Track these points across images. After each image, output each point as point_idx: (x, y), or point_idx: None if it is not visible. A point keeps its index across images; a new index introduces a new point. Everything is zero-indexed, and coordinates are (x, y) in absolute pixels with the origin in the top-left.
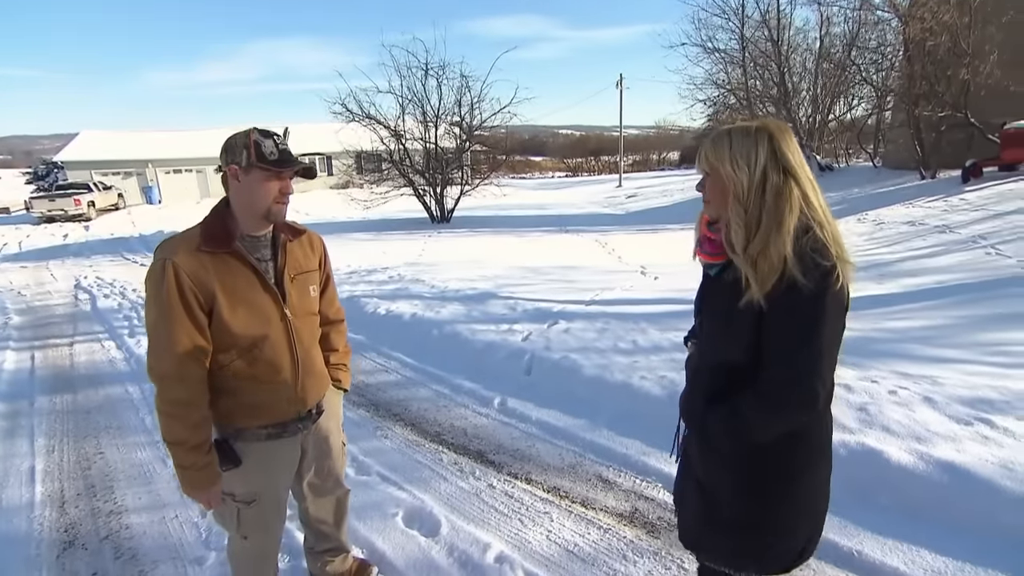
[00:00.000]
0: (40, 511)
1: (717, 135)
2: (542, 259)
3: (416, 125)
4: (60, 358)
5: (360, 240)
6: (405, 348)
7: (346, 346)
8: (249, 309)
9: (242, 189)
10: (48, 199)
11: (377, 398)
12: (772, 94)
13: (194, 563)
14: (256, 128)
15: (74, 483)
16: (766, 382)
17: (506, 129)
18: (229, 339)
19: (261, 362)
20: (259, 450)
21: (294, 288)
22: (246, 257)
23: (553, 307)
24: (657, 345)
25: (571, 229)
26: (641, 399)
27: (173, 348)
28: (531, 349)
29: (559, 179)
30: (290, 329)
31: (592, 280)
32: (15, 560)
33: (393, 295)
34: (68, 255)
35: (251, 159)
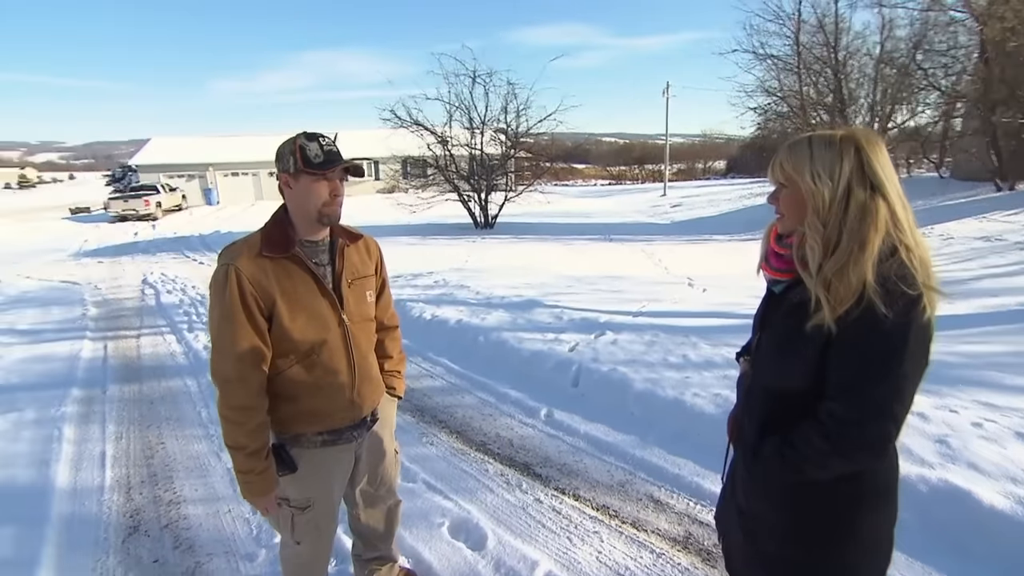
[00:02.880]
0: (109, 495)
1: (795, 143)
2: (587, 267)
3: (462, 131)
4: (128, 349)
5: (406, 244)
6: (451, 354)
7: (400, 353)
8: (308, 314)
9: (294, 195)
10: (122, 200)
11: (423, 403)
12: (827, 101)
13: (245, 559)
14: (303, 133)
15: (139, 470)
16: (830, 418)
17: (551, 136)
18: (288, 344)
19: (319, 368)
20: (314, 456)
21: (351, 293)
22: (305, 262)
23: (600, 317)
24: (709, 361)
25: (616, 238)
26: (694, 417)
27: (235, 352)
28: (578, 360)
29: (602, 187)
30: (347, 335)
31: (639, 290)
32: (86, 542)
33: (438, 300)
34: (137, 252)
35: (298, 165)
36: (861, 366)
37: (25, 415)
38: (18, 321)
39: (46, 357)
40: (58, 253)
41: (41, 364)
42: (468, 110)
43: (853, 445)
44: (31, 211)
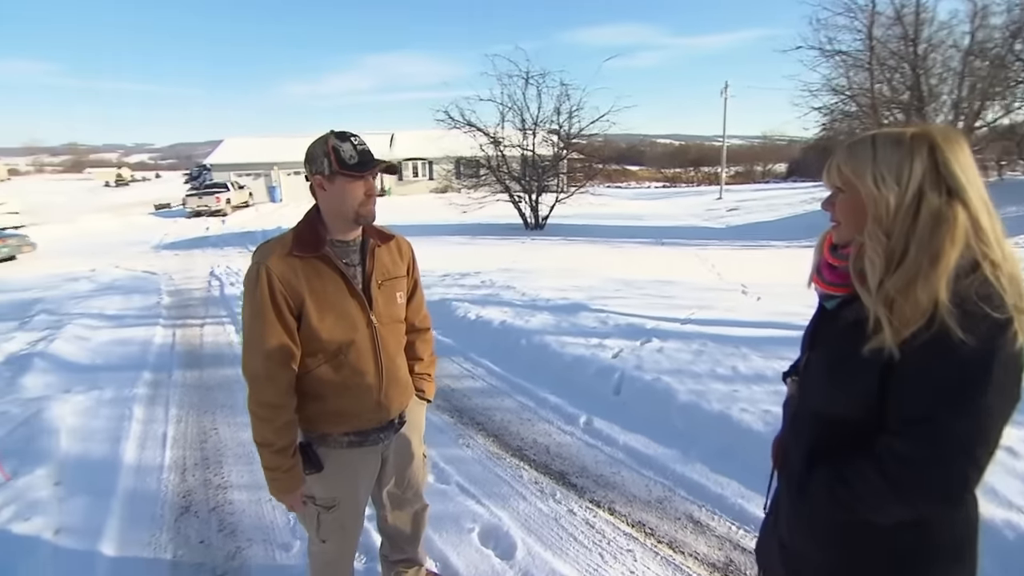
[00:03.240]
0: (167, 474)
1: (857, 142)
2: (637, 271)
3: (514, 132)
4: (193, 337)
5: (455, 243)
6: (493, 355)
7: (431, 355)
8: (336, 314)
9: (329, 197)
10: (197, 197)
11: (462, 404)
12: (902, 99)
13: (282, 548)
14: (333, 132)
15: (194, 453)
16: (891, 456)
17: (603, 137)
18: (316, 344)
19: (346, 368)
20: (340, 457)
21: (381, 294)
22: (335, 262)
23: (646, 323)
24: (760, 374)
25: (668, 242)
26: (741, 434)
27: (264, 350)
28: (622, 367)
29: (656, 189)
30: (376, 336)
31: (689, 297)
32: (144, 516)
33: (484, 300)
34: (208, 245)
35: (333, 167)
36: (932, 399)
37: (104, 394)
38: (107, 307)
39: (125, 341)
40: (142, 245)
41: (121, 347)
42: (520, 111)
43: (918, 490)
44: (124, 206)
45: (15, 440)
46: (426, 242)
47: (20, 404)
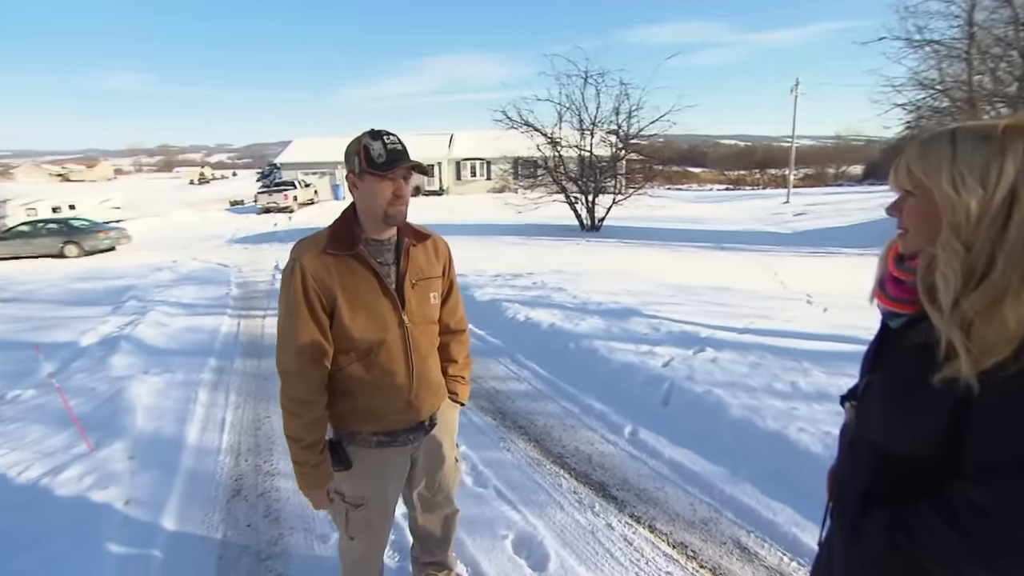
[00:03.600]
0: (223, 457)
1: (932, 138)
2: (694, 277)
3: (572, 132)
4: (255, 328)
5: (509, 244)
6: (540, 358)
7: (466, 358)
8: (368, 313)
9: (360, 195)
10: (267, 194)
11: (505, 407)
12: (1007, 92)
13: (320, 539)
14: (369, 131)
15: (248, 439)
16: (967, 507)
17: (664, 138)
18: (348, 342)
19: (377, 367)
20: (369, 456)
21: (414, 294)
22: (368, 260)
23: (701, 332)
24: (822, 391)
25: (728, 246)
26: (798, 456)
27: (295, 346)
28: (672, 377)
29: (719, 192)
30: (407, 336)
31: (748, 305)
32: (199, 497)
33: (534, 302)
34: (275, 240)
35: (362, 165)
36: (1021, 443)
37: (176, 376)
38: (183, 296)
39: (197, 328)
40: (217, 239)
41: (192, 334)
42: (579, 111)
43: (999, 549)
44: (204, 202)
45: (100, 415)
46: (480, 242)
47: (107, 382)
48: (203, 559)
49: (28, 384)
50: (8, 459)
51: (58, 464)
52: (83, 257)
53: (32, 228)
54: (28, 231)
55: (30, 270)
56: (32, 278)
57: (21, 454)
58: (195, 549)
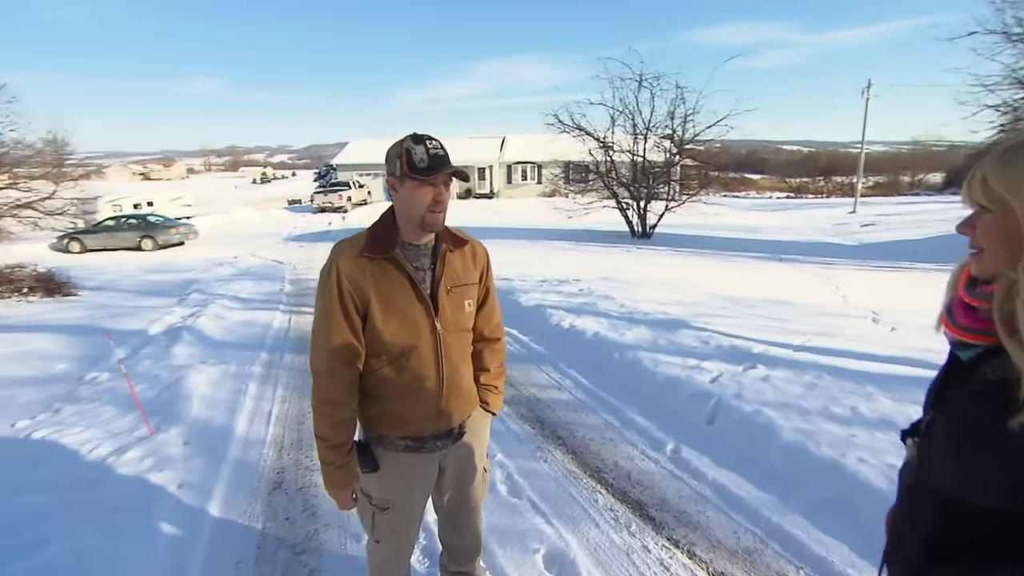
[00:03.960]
0: (267, 450)
1: (1013, 146)
2: (747, 289)
3: (625, 137)
4: (306, 324)
5: (558, 249)
6: (582, 367)
7: (500, 367)
8: (401, 318)
9: (400, 199)
10: (323, 194)
11: (545, 416)
12: None
13: (353, 538)
14: (411, 135)
15: (291, 432)
16: None
17: (721, 143)
18: (380, 345)
19: (407, 372)
20: (396, 460)
21: (448, 301)
22: (403, 265)
23: (753, 347)
24: (886, 419)
25: (786, 258)
26: (856, 488)
27: (328, 347)
28: (719, 394)
29: (778, 200)
30: (439, 343)
31: (805, 321)
32: (243, 487)
33: (580, 309)
34: (328, 239)
35: (403, 168)
36: None
37: (229, 368)
38: (241, 290)
39: (251, 322)
40: (275, 237)
41: (247, 328)
42: (632, 115)
43: None
44: (264, 201)
45: (161, 401)
46: (528, 246)
47: (169, 370)
48: (243, 548)
49: (104, 367)
50: (83, 436)
51: (122, 445)
52: (157, 250)
53: (116, 223)
54: (113, 225)
55: (113, 261)
56: (113, 268)
57: (94, 432)
58: (236, 537)
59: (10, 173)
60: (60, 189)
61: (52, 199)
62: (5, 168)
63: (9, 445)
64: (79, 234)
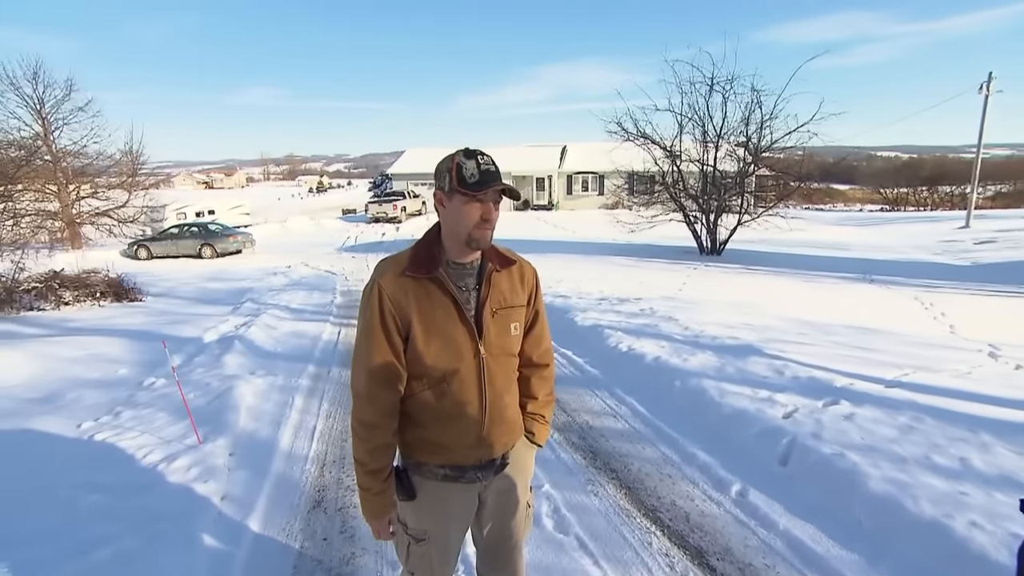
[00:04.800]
0: (309, 466)
1: None
2: (830, 313)
3: (694, 145)
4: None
5: (618, 265)
6: (640, 394)
7: (548, 395)
8: (443, 340)
9: (447, 215)
10: (378, 204)
11: (598, 446)
12: None
13: (390, 566)
14: (463, 149)
15: (334, 449)
16: None
17: (803, 151)
18: (420, 368)
19: (448, 398)
20: (434, 489)
21: (494, 324)
22: (447, 285)
23: (835, 380)
24: (1007, 476)
25: (878, 279)
26: (968, 560)
27: (368, 368)
28: (794, 431)
29: (871, 213)
30: (482, 368)
31: (901, 352)
32: (284, 503)
33: (640, 331)
34: (382, 250)
35: (452, 183)
36: None
37: (277, 380)
38: (292, 300)
39: (300, 334)
40: (328, 247)
41: (296, 339)
42: (702, 121)
43: None
44: (319, 210)
45: (211, 410)
46: (586, 261)
47: (220, 379)
48: (280, 567)
49: (161, 374)
50: (138, 441)
51: (173, 452)
52: (215, 258)
53: (179, 231)
54: (176, 233)
55: (175, 268)
56: (175, 276)
57: (148, 438)
58: (274, 555)
59: (92, 183)
60: (133, 197)
61: (126, 207)
62: (88, 178)
63: (75, 446)
64: (146, 241)
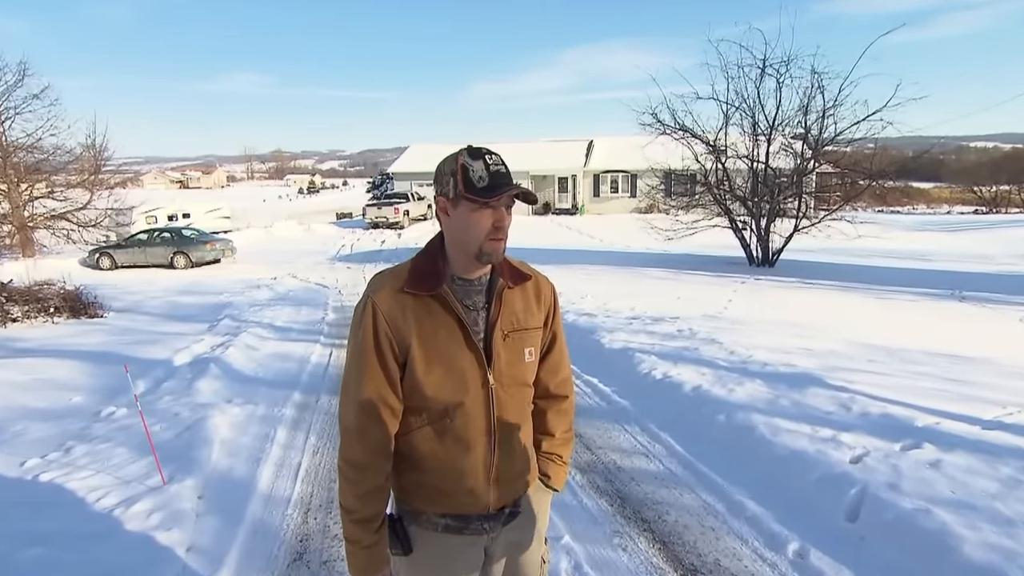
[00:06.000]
0: (291, 511)
1: None
2: (909, 337)
3: (742, 139)
4: None
5: (654, 278)
6: (677, 430)
7: (567, 432)
8: (446, 368)
9: (452, 224)
10: (376, 207)
11: (627, 490)
12: None
13: None
14: (467, 148)
15: (321, 492)
16: None
17: (875, 143)
18: (419, 400)
19: (451, 435)
20: (433, 542)
21: (505, 348)
22: (452, 304)
23: (916, 418)
24: None
25: (971, 295)
26: None
27: (358, 398)
28: (864, 480)
29: (962, 216)
30: (491, 400)
31: (1002, 386)
32: (259, 554)
33: (677, 355)
34: (380, 260)
35: (458, 189)
36: None
37: (257, 409)
38: (277, 318)
39: (286, 356)
40: (319, 256)
41: (281, 362)
42: (752, 111)
43: None
44: (310, 214)
45: (178, 445)
46: (616, 274)
47: (191, 408)
48: None
49: (122, 402)
50: (91, 482)
51: (132, 495)
52: (190, 268)
53: (148, 237)
54: (145, 240)
55: (143, 279)
56: (141, 288)
57: (103, 479)
58: None
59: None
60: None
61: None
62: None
63: (15, 488)
64: (110, 249)
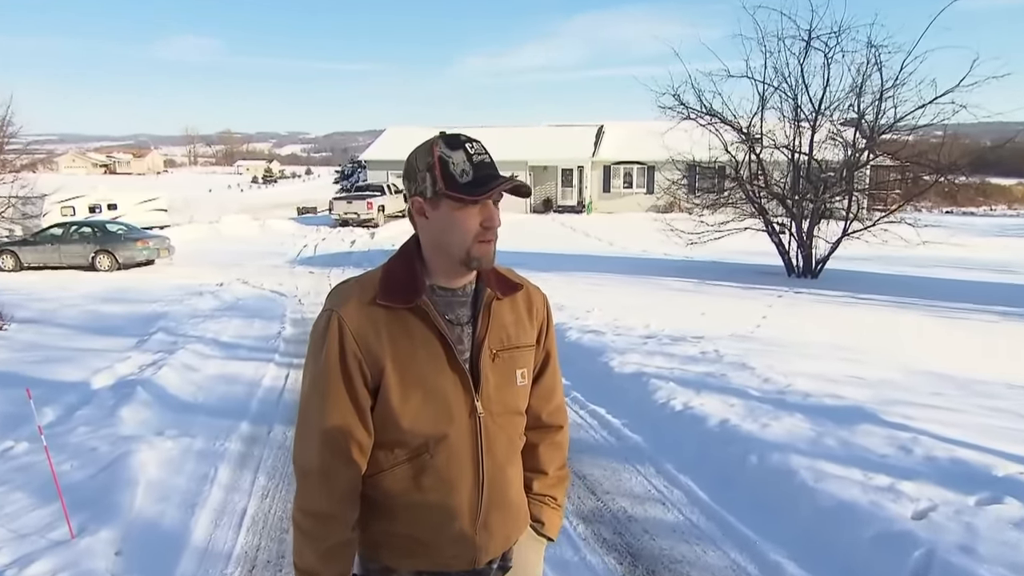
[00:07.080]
0: (233, 568)
1: None
2: (983, 365)
3: (781, 125)
4: None
5: (672, 290)
6: (699, 472)
7: (561, 469)
8: (425, 394)
9: (431, 227)
10: (346, 201)
11: (639, 545)
12: None
13: None
14: (442, 136)
15: (271, 545)
16: None
17: (945, 131)
18: (394, 433)
19: (431, 475)
20: None
21: (494, 371)
22: (433, 319)
23: (995, 465)
24: None
25: None
26: None
27: (320, 433)
28: (931, 540)
29: None
30: (478, 431)
31: None
32: None
33: (700, 382)
34: (349, 264)
35: (438, 186)
36: None
37: (195, 443)
38: (223, 331)
39: (232, 378)
40: (277, 258)
41: (226, 385)
42: (794, 92)
43: None
44: (266, 207)
45: (93, 488)
46: (628, 284)
47: (111, 442)
48: None
49: (23, 435)
50: None
51: (30, 551)
52: (116, 271)
53: (64, 232)
54: (60, 235)
55: (56, 283)
56: (54, 295)
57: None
58: None
59: None
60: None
61: None
62: None
63: None
64: (14, 246)
